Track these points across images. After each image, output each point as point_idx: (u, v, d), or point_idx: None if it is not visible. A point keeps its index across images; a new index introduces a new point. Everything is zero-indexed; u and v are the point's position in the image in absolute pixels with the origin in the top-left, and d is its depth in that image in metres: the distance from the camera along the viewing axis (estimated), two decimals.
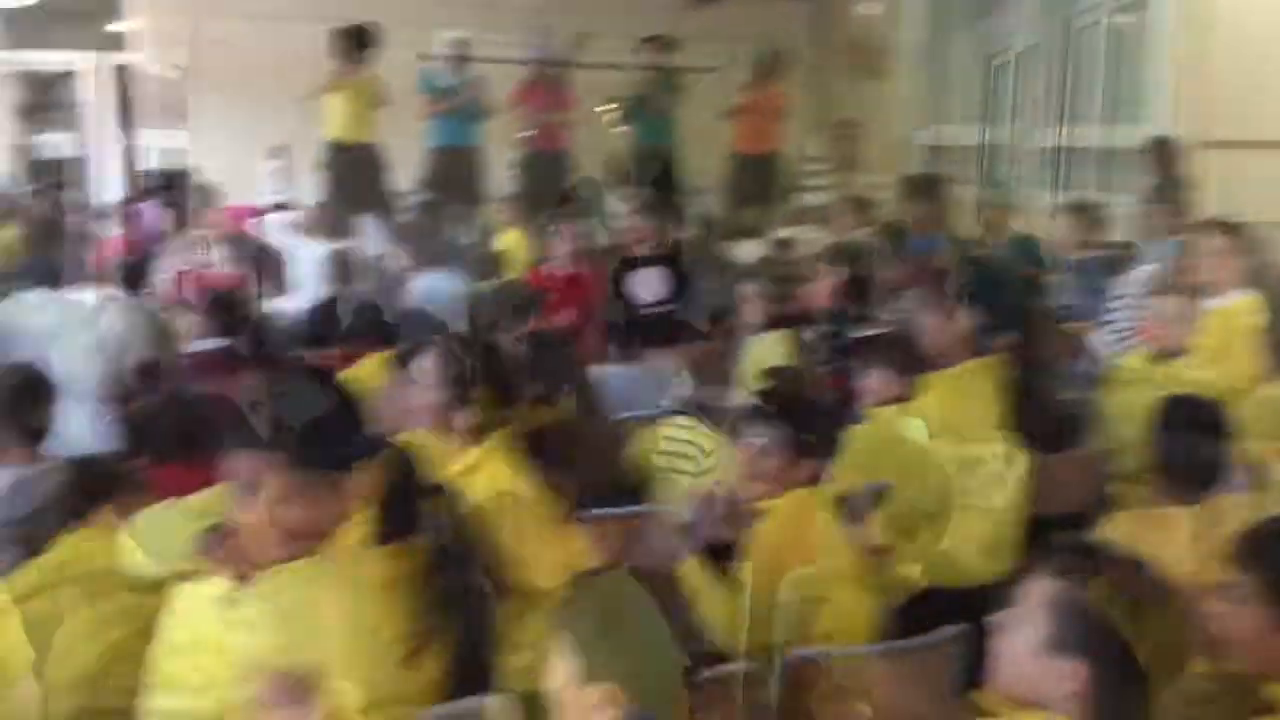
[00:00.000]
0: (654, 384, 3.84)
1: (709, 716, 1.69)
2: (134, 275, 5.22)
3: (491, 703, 2.00)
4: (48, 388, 2.89)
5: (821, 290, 4.58)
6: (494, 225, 7.33)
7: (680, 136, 8.96)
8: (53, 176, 10.23)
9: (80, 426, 3.33)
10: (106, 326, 3.48)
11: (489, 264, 5.99)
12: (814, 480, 2.58)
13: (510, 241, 6.64)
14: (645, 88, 8.84)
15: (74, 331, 3.46)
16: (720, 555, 2.42)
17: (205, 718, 1.67)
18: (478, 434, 2.51)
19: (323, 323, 4.50)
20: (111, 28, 11.19)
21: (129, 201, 8.28)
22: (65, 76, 11.54)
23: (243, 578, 1.70)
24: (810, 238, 6.83)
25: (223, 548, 1.76)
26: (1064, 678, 1.50)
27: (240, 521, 1.73)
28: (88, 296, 3.54)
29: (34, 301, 3.50)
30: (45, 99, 11.87)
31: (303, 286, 6.17)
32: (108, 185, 10.36)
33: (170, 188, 9.62)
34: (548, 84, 8.56)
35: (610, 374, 3.72)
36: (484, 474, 2.39)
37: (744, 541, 2.44)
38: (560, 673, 1.55)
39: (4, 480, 2.66)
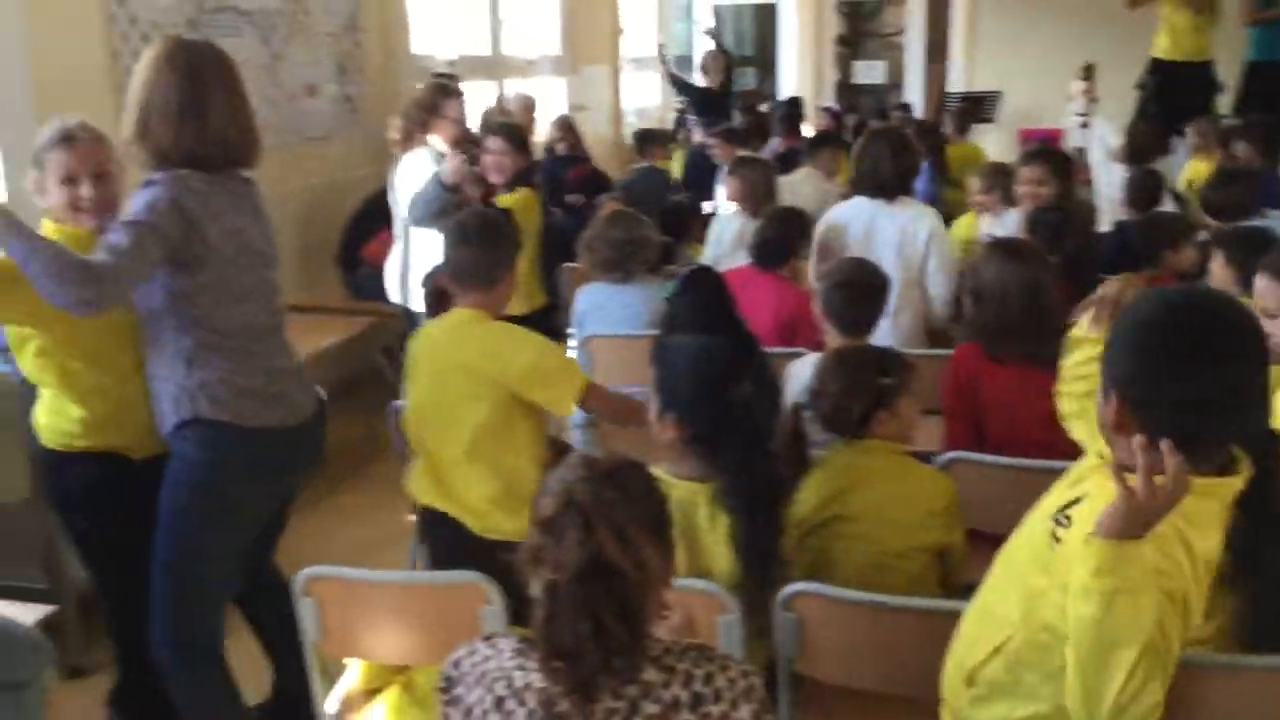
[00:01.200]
0: None
1: None
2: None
3: None
4: (882, 284, 3.13)
5: None
6: None
7: None
8: (867, 101, 11.04)
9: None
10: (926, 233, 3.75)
11: None
12: None
13: None
14: None
15: (915, 236, 3.76)
16: None
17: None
18: None
19: (1140, 245, 4.25)
20: None
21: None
22: (883, 6, 12.32)
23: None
24: None
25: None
26: None
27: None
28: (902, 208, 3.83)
29: (874, 207, 3.85)
30: (863, 28, 12.81)
31: (1105, 210, 5.96)
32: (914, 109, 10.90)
33: (966, 113, 9.86)
34: None
35: None
36: None
37: None
38: None
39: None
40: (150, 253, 2.12)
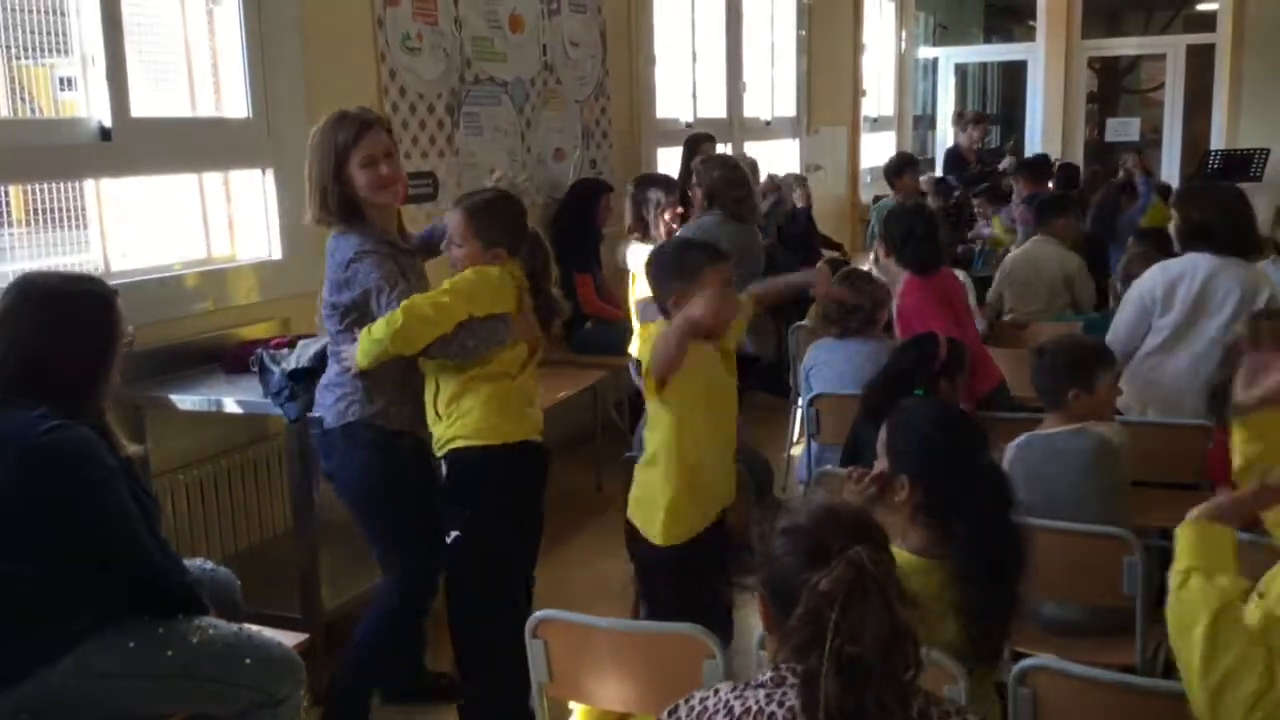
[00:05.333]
0: None
1: None
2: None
3: None
4: (1109, 357, 3.00)
5: None
6: None
7: None
8: (1112, 159, 10.56)
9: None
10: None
11: None
12: None
13: None
14: None
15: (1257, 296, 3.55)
16: None
17: None
18: None
19: None
20: (1200, 7, 11.10)
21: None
22: (1139, 61, 11.78)
23: None
24: None
25: None
26: None
27: None
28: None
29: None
30: (1117, 85, 12.28)
31: None
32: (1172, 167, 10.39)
33: (1229, 171, 9.31)
34: None
35: None
36: None
37: None
38: None
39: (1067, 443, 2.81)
40: None
